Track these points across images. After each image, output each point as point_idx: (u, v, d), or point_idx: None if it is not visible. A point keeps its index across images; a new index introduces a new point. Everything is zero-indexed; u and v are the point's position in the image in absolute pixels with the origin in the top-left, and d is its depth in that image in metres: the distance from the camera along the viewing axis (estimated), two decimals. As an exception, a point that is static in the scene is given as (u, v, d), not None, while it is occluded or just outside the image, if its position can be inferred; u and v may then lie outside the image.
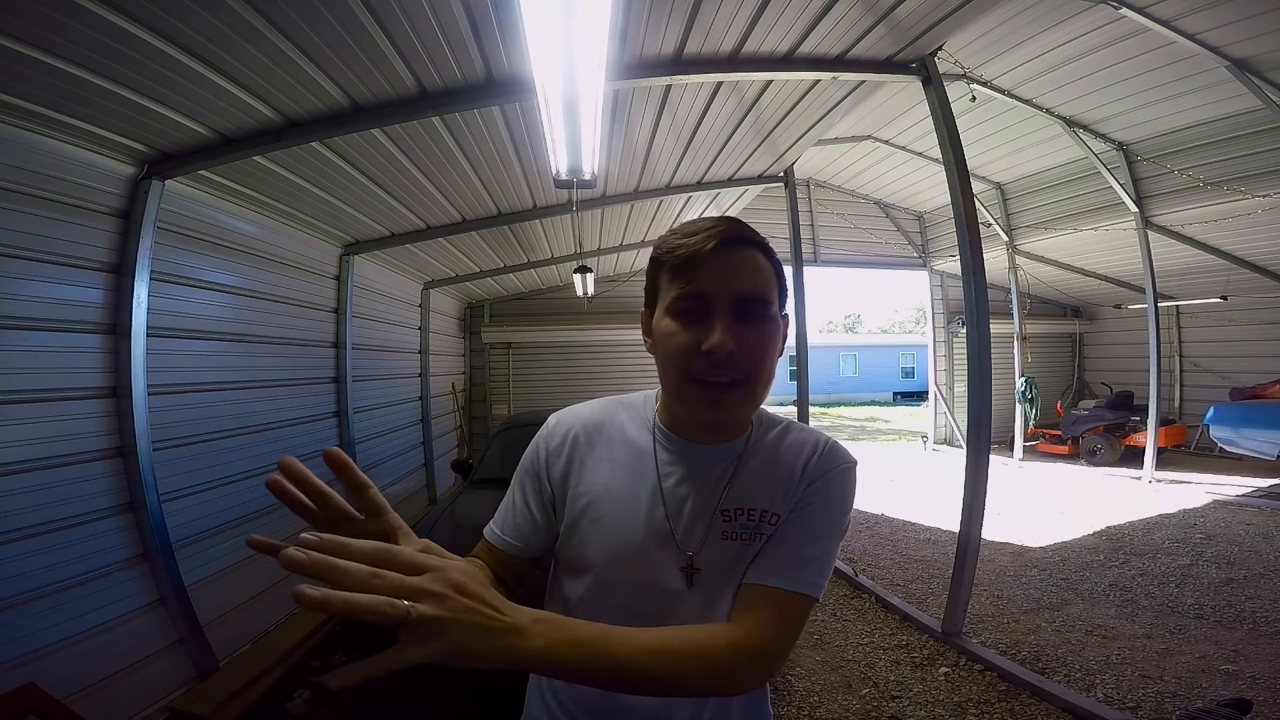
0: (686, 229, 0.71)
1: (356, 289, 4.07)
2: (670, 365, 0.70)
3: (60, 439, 2.01)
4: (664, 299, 0.72)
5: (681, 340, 0.68)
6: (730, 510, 0.73)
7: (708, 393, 0.68)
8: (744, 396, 0.69)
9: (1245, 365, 7.41)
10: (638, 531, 0.73)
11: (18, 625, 1.82)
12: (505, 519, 0.80)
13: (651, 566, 0.72)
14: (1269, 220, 5.64)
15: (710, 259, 0.67)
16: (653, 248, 0.75)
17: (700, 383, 0.68)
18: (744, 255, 0.69)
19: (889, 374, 24.62)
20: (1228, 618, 3.14)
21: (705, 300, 0.68)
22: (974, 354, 2.84)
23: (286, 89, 2.05)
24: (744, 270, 0.69)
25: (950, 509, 5.09)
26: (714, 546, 0.72)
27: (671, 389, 0.73)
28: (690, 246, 0.68)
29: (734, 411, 0.70)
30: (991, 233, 7.78)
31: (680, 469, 0.76)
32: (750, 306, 0.68)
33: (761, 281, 0.70)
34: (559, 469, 0.78)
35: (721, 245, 0.68)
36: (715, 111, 3.14)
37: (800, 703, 2.55)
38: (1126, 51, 4.84)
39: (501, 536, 0.79)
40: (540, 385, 8.04)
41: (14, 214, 1.86)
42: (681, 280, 0.69)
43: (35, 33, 1.52)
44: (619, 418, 0.81)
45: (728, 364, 0.66)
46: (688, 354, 0.68)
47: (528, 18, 1.64)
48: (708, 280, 0.67)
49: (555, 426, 0.81)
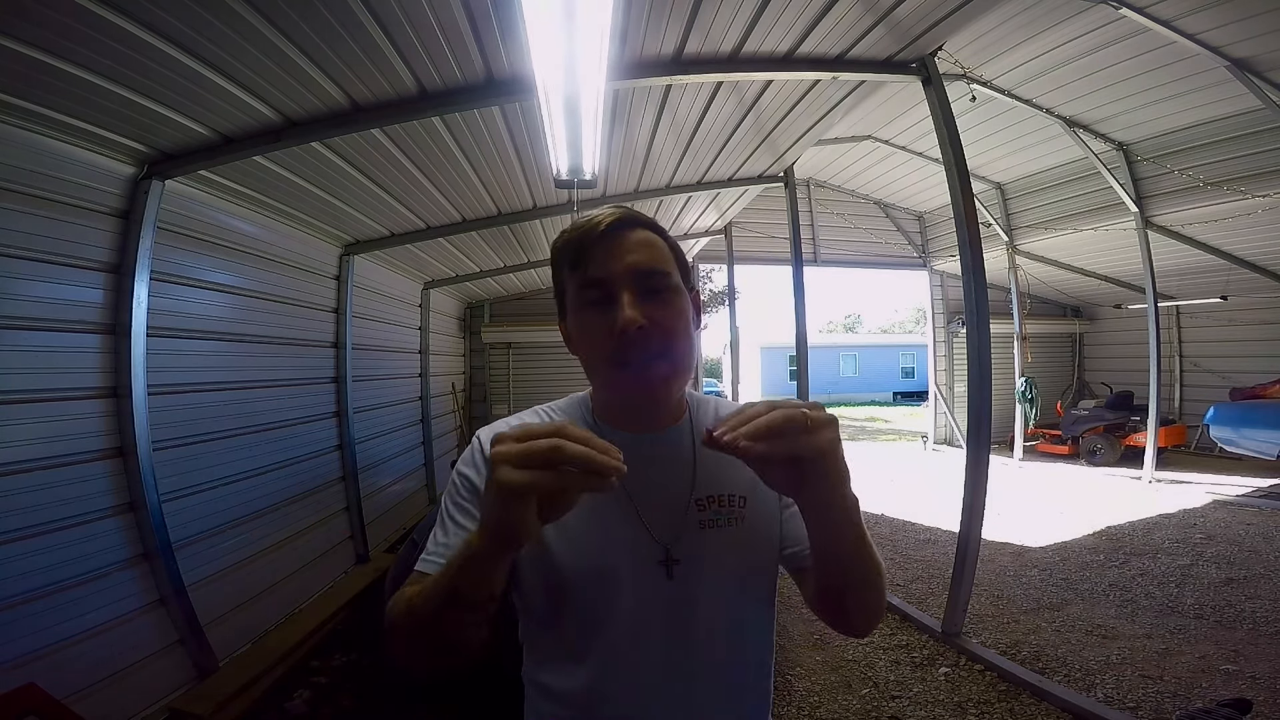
0: (576, 223, 0.71)
1: (356, 289, 4.07)
2: (592, 357, 0.70)
3: (60, 439, 2.01)
4: (571, 295, 0.71)
5: (594, 330, 0.68)
6: (704, 499, 0.73)
7: (634, 375, 0.67)
8: (670, 372, 0.69)
9: (1245, 365, 7.40)
10: (608, 533, 0.70)
11: (18, 625, 1.82)
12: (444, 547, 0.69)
13: (628, 565, 0.69)
14: (1269, 220, 5.63)
15: (600, 241, 0.68)
16: (552, 249, 0.74)
17: (624, 365, 0.67)
18: (634, 234, 0.69)
19: (889, 374, 24.64)
20: (1228, 618, 3.14)
21: (605, 284, 0.67)
22: (974, 354, 2.84)
23: (286, 89, 2.05)
24: (637, 247, 0.69)
25: (950, 509, 5.08)
26: (692, 536, 0.71)
27: (599, 380, 0.73)
28: (578, 232, 0.69)
29: (666, 387, 0.70)
30: (991, 233, 7.78)
31: (637, 461, 0.69)
32: (651, 281, 0.68)
33: (658, 256, 0.70)
34: None
35: (610, 228, 0.68)
36: (715, 111, 3.14)
37: (800, 703, 2.55)
38: (1126, 51, 4.84)
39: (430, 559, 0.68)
40: (540, 385, 8.03)
41: (14, 214, 1.86)
42: (579, 270, 0.69)
43: (36, 33, 1.52)
44: (552, 420, 0.77)
45: (642, 341, 0.65)
46: (604, 341, 0.67)
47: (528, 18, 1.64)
48: (602, 264, 0.67)
49: (491, 434, 0.72)
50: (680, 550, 0.70)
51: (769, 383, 23.50)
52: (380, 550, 4.33)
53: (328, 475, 3.76)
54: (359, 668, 2.88)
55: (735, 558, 0.72)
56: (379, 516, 4.50)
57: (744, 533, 0.74)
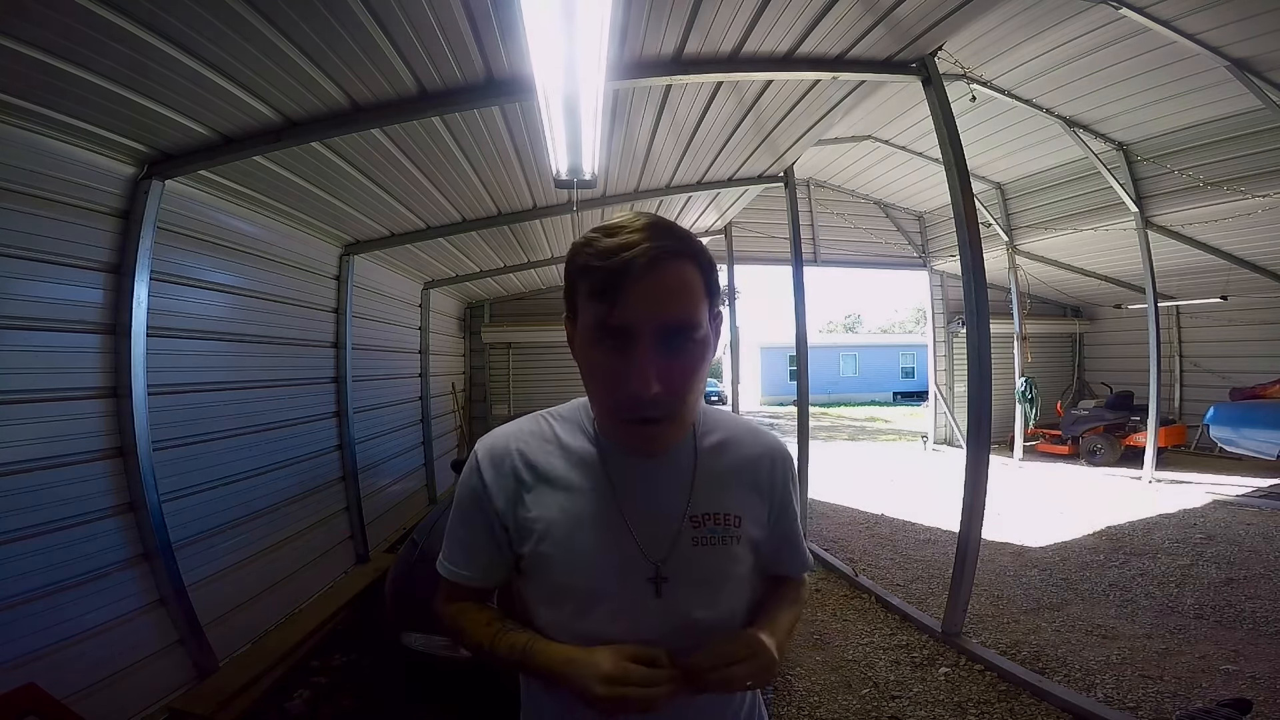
0: (606, 240, 0.62)
1: (356, 289, 4.07)
2: (595, 398, 0.70)
3: (60, 439, 2.01)
4: (582, 317, 0.66)
5: (604, 374, 0.65)
6: (699, 516, 0.73)
7: (636, 431, 0.67)
8: (672, 430, 0.68)
9: (1245, 365, 7.40)
10: (600, 550, 0.70)
11: (18, 625, 1.82)
12: (458, 555, 0.77)
13: (618, 583, 0.70)
14: (1269, 220, 5.64)
15: (635, 283, 0.60)
16: (569, 255, 0.67)
17: (627, 422, 0.66)
18: (670, 274, 0.62)
19: (889, 374, 24.65)
20: (1228, 618, 3.14)
21: (628, 334, 0.62)
22: (974, 354, 2.84)
23: (286, 89, 2.05)
24: (670, 295, 0.62)
25: (950, 509, 5.08)
26: (683, 554, 0.71)
27: (600, 414, 0.72)
28: (609, 267, 0.60)
29: (664, 444, 0.70)
30: (991, 233, 7.78)
31: (633, 479, 0.73)
32: (677, 337, 0.63)
33: (690, 304, 0.63)
34: (503, 501, 0.73)
35: (649, 265, 0.60)
36: (715, 111, 3.14)
37: (800, 703, 2.55)
38: (1126, 51, 4.84)
39: (459, 572, 0.76)
40: (540, 385, 8.04)
41: (14, 214, 1.86)
42: (602, 306, 0.61)
43: (36, 33, 1.52)
44: (555, 433, 0.77)
45: (652, 405, 0.63)
46: (612, 389, 0.65)
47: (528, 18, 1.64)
48: (630, 310, 0.60)
49: (490, 455, 0.75)
50: (669, 568, 0.70)
51: (769, 383, 23.51)
52: (380, 550, 4.33)
53: (328, 475, 3.76)
54: (359, 668, 2.88)
55: (724, 575, 0.74)
56: (379, 516, 4.50)
57: (736, 551, 0.75)
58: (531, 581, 0.73)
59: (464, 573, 0.76)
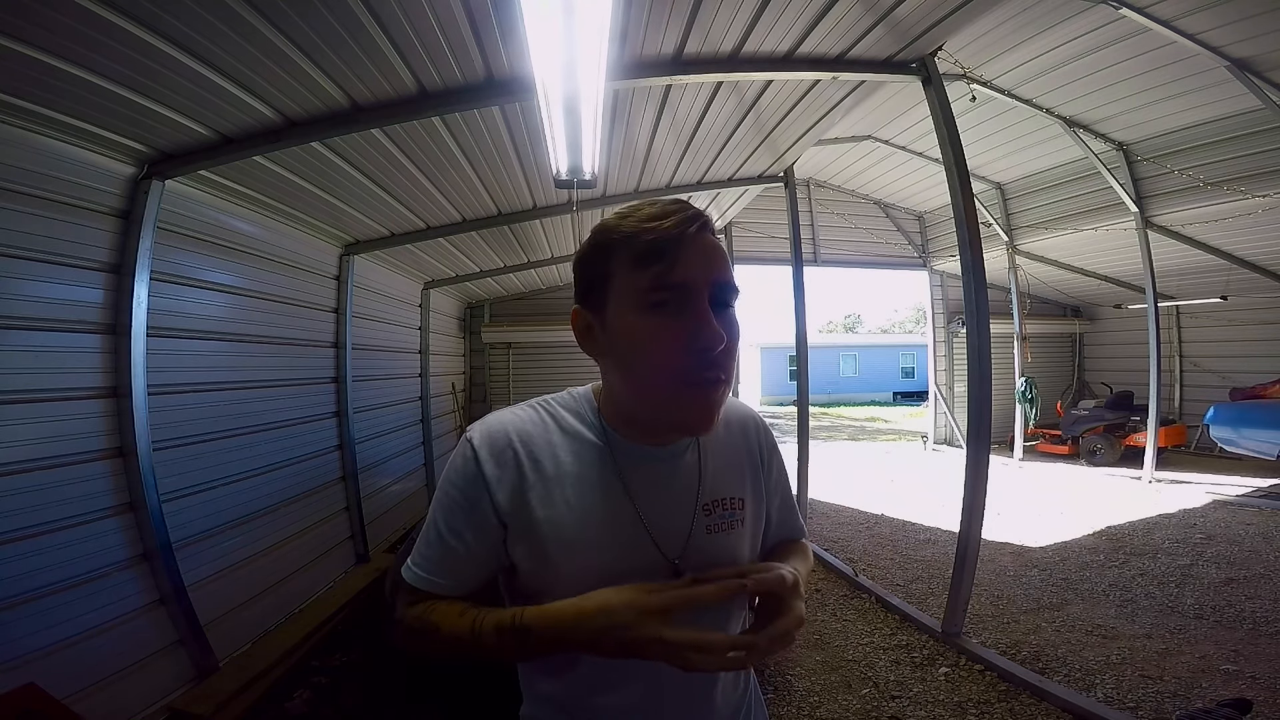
0: (645, 213, 0.64)
1: (356, 289, 4.07)
2: (654, 369, 0.62)
3: (60, 439, 2.01)
4: (626, 291, 0.63)
5: (668, 338, 0.61)
6: (711, 504, 0.73)
7: (700, 395, 0.62)
8: (726, 394, 0.66)
9: (1245, 365, 7.40)
10: (615, 549, 0.67)
11: (18, 625, 1.81)
12: (436, 560, 0.68)
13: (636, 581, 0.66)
14: (1269, 220, 5.63)
15: (690, 243, 0.62)
16: (599, 233, 0.67)
17: (694, 384, 0.62)
18: (712, 239, 0.65)
19: (889, 374, 24.64)
20: (1228, 618, 3.14)
21: (688, 290, 0.61)
22: (974, 354, 2.84)
23: (286, 89, 2.05)
24: (719, 256, 0.64)
25: (950, 509, 5.09)
26: (699, 543, 0.71)
27: (655, 394, 0.64)
28: (663, 231, 0.61)
29: (719, 411, 0.65)
30: (991, 233, 7.78)
31: (645, 472, 0.71)
32: (728, 295, 0.64)
33: (731, 269, 0.66)
34: (505, 495, 0.66)
35: (697, 231, 0.63)
36: (715, 111, 3.14)
37: (800, 703, 2.55)
38: (1126, 51, 4.84)
39: (434, 580, 0.67)
40: (540, 385, 8.03)
41: (14, 214, 1.86)
42: (655, 267, 0.61)
43: (36, 34, 1.52)
44: (557, 423, 0.72)
45: (718, 361, 0.62)
46: (675, 354, 0.61)
47: (528, 18, 1.64)
48: (687, 268, 0.61)
49: (489, 443, 0.68)
50: (685, 563, 0.69)
51: (769, 383, 23.50)
52: (380, 550, 4.33)
53: (328, 475, 3.76)
54: (359, 668, 2.88)
55: (734, 558, 0.74)
56: (379, 516, 4.50)
57: (743, 533, 0.75)
58: (528, 582, 0.68)
59: (440, 580, 0.68)
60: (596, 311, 0.68)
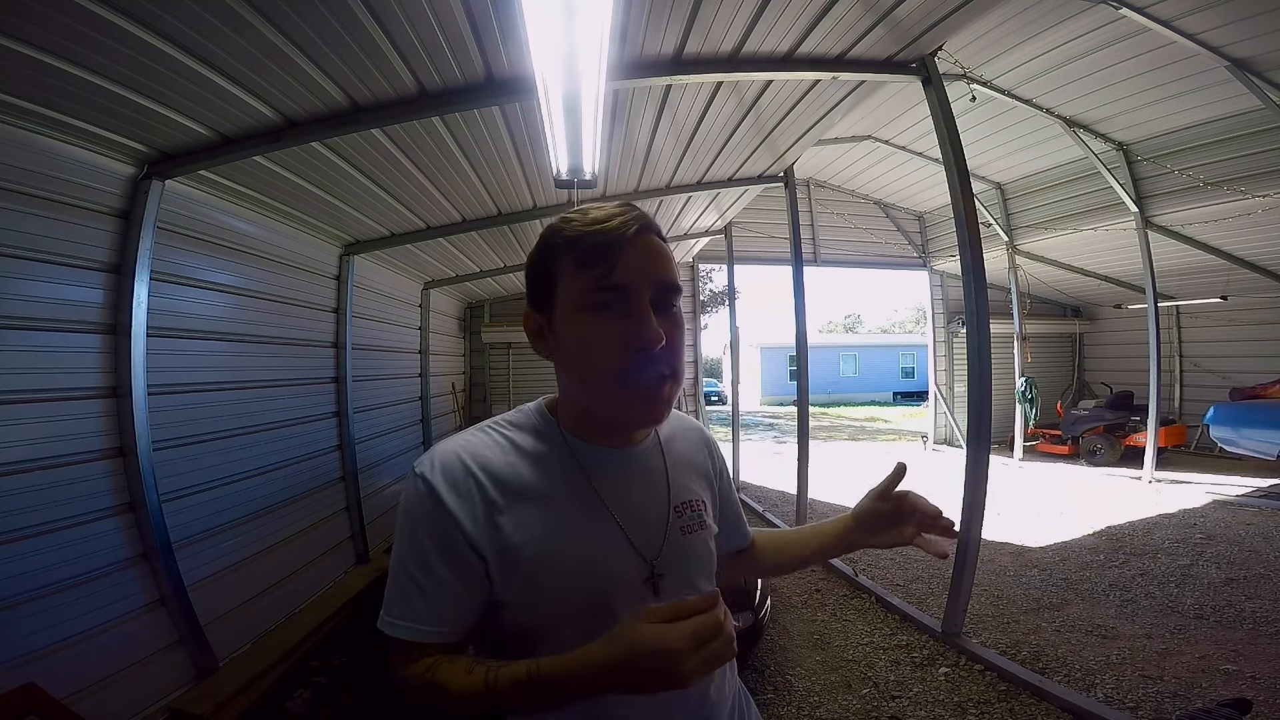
0: (590, 216, 0.65)
1: (356, 289, 4.07)
2: (597, 369, 0.63)
3: (60, 439, 2.01)
4: (571, 293, 0.64)
5: (605, 339, 0.62)
6: (681, 505, 0.75)
7: (643, 394, 0.63)
8: (674, 392, 0.66)
9: (1245, 365, 7.41)
10: (599, 560, 0.66)
11: (18, 625, 1.81)
12: (418, 608, 0.63)
13: (620, 592, 0.66)
14: (1269, 220, 5.64)
15: (629, 246, 0.62)
16: (547, 236, 0.67)
17: (633, 384, 0.63)
18: (654, 242, 0.66)
19: (889, 374, 24.65)
20: (1228, 618, 3.14)
21: (628, 292, 0.62)
22: (974, 354, 2.84)
23: (286, 89, 2.05)
24: (660, 258, 0.65)
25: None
26: (674, 546, 0.72)
27: (599, 394, 0.65)
28: (606, 232, 0.62)
29: (668, 409, 0.67)
30: (991, 233, 7.79)
31: (615, 477, 0.71)
32: (669, 296, 0.65)
33: (674, 269, 0.67)
34: (472, 525, 0.63)
35: (638, 233, 0.64)
36: (715, 111, 3.14)
37: (800, 703, 2.55)
38: (1126, 51, 4.84)
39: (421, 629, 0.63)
40: (540, 385, 8.03)
41: (14, 214, 1.86)
42: (596, 269, 0.62)
43: (36, 33, 1.52)
44: (512, 442, 0.70)
45: (660, 359, 0.63)
46: (615, 354, 0.62)
47: (528, 18, 1.64)
48: (627, 270, 0.62)
49: (444, 474, 0.65)
50: (663, 564, 0.70)
51: (769, 383, 23.51)
52: (380, 550, 4.32)
53: (328, 475, 3.76)
54: (359, 668, 2.87)
55: (705, 560, 0.76)
56: (379, 516, 4.49)
57: (706, 535, 0.77)
58: (519, 614, 0.65)
59: (428, 628, 0.63)
60: (546, 314, 0.68)
